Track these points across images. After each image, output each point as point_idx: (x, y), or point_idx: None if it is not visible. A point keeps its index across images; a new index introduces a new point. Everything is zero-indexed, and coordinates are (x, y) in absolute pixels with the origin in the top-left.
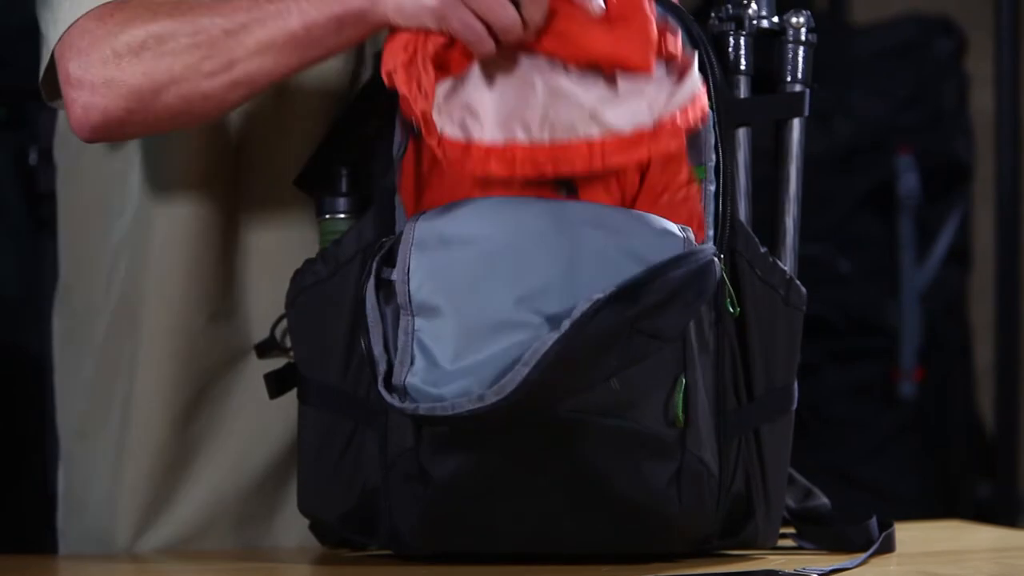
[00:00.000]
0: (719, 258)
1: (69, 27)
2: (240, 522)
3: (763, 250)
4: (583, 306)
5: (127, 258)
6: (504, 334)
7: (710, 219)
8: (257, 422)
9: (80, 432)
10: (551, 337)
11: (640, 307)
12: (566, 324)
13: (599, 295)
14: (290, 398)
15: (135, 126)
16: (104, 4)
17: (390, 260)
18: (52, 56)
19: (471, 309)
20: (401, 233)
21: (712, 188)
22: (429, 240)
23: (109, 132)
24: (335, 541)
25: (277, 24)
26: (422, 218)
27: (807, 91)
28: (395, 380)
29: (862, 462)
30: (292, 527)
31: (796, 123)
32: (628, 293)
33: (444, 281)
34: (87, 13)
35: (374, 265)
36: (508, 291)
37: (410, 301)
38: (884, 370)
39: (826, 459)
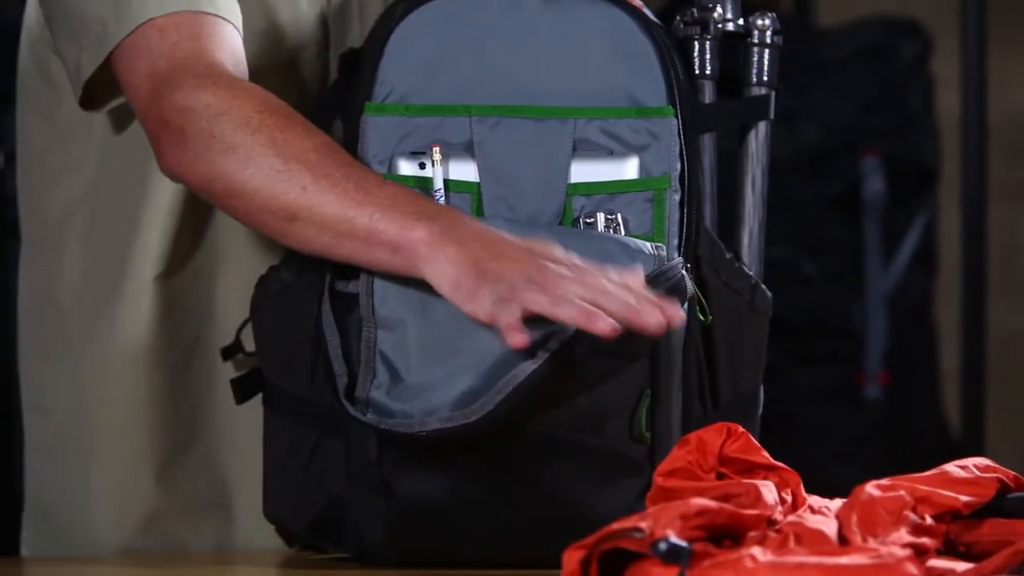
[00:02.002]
0: (686, 269)
1: (154, 20)
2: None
3: (728, 256)
4: (560, 336)
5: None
6: (470, 347)
7: (675, 227)
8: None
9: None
10: (525, 368)
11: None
12: (542, 356)
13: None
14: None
15: (210, 198)
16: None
17: (345, 273)
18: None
19: (435, 320)
20: None
21: (677, 197)
22: None
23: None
24: (302, 544)
25: (346, 211)
26: None
27: (772, 94)
28: (358, 393)
29: (828, 465)
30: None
31: (761, 126)
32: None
33: (408, 293)
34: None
35: (327, 279)
36: None
37: (373, 313)
38: (850, 373)
39: (791, 461)
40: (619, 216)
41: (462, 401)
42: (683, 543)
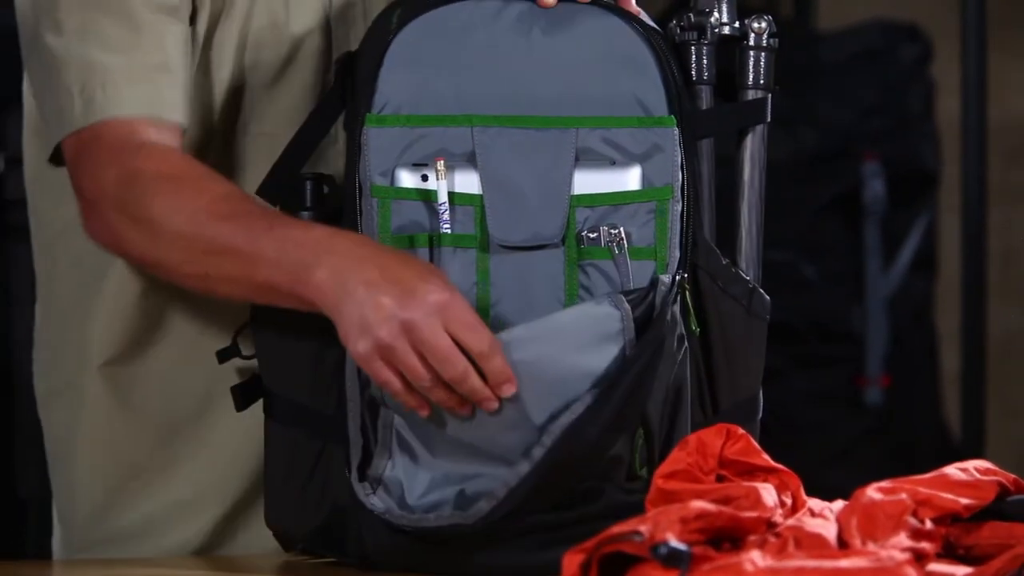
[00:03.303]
0: (681, 276)
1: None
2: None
3: (725, 262)
4: (549, 439)
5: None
6: (479, 441)
7: (677, 239)
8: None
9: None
10: (522, 469)
11: (604, 420)
12: (538, 452)
13: (567, 418)
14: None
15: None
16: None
17: None
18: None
19: (445, 415)
20: None
21: (679, 207)
22: None
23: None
24: (299, 550)
25: (247, 270)
26: None
27: (769, 96)
28: (372, 471)
29: (828, 467)
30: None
31: (758, 129)
32: (591, 414)
33: None
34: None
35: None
36: None
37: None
38: (850, 376)
39: (791, 464)
40: (622, 230)
41: (462, 501)
42: (683, 547)
